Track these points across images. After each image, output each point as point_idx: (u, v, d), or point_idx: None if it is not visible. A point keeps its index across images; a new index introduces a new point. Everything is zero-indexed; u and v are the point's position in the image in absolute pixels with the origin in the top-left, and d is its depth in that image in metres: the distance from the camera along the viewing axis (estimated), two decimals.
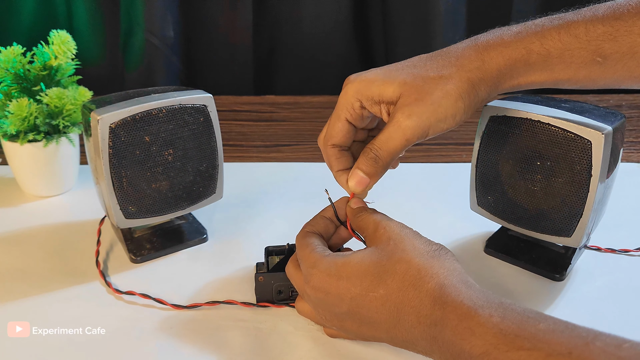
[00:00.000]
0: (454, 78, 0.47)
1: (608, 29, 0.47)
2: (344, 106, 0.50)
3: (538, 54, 0.48)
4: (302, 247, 0.50)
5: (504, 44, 0.48)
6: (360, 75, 0.50)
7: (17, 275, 0.63)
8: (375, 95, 0.48)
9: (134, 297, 0.60)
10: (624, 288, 0.61)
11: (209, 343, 0.54)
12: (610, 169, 0.56)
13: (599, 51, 0.47)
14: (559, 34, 0.48)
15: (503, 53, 0.48)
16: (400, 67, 0.49)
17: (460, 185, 0.74)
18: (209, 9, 1.16)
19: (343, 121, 0.50)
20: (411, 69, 0.49)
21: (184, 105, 0.61)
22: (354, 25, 1.20)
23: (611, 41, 0.47)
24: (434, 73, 0.48)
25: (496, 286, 0.61)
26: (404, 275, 0.44)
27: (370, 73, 0.50)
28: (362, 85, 0.49)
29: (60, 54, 0.72)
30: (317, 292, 0.47)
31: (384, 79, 0.48)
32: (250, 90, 1.22)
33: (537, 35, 0.48)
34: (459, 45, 0.50)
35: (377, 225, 0.49)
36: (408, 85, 0.47)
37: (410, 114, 0.47)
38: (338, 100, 0.50)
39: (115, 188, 0.59)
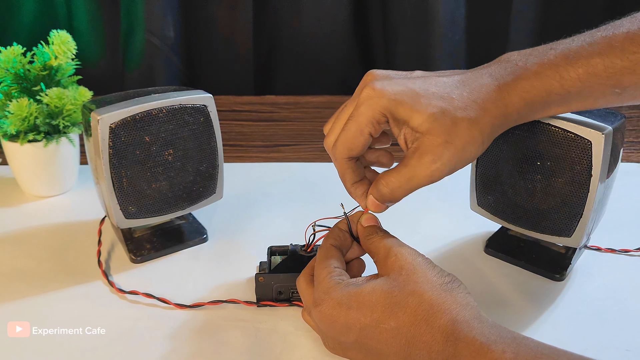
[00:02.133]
0: (480, 123, 0.47)
1: (627, 64, 0.46)
2: (369, 121, 0.47)
3: (558, 94, 0.48)
4: (322, 266, 0.49)
5: (525, 88, 0.48)
6: (386, 87, 0.47)
7: (17, 275, 0.63)
8: (401, 118, 0.47)
9: (137, 296, 0.60)
10: (624, 288, 0.61)
11: (209, 343, 0.54)
12: (610, 169, 0.56)
13: (618, 85, 0.47)
14: (577, 74, 0.47)
15: (525, 98, 0.48)
16: (426, 94, 0.47)
17: (460, 185, 0.74)
18: (209, 9, 1.16)
19: (366, 136, 0.48)
20: (438, 100, 0.47)
21: (184, 105, 0.61)
22: (354, 25, 1.20)
23: (630, 74, 0.46)
24: (461, 114, 0.46)
25: (496, 286, 0.62)
26: (416, 309, 0.43)
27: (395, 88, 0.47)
28: (392, 104, 0.47)
29: (60, 54, 0.72)
30: (325, 319, 0.47)
31: (413, 104, 0.46)
32: (250, 90, 1.22)
33: (556, 77, 0.47)
34: (480, 81, 0.48)
35: (389, 252, 0.48)
36: (438, 123, 0.46)
37: (439, 158, 0.46)
38: (360, 112, 0.47)
39: (115, 188, 0.59)
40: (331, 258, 0.50)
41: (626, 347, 0.53)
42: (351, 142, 0.48)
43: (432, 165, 0.46)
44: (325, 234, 0.53)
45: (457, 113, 0.46)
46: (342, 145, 0.49)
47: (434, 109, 0.46)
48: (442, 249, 0.68)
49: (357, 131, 0.48)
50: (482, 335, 0.41)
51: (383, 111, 0.47)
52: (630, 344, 0.54)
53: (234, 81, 1.21)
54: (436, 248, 0.68)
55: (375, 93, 0.47)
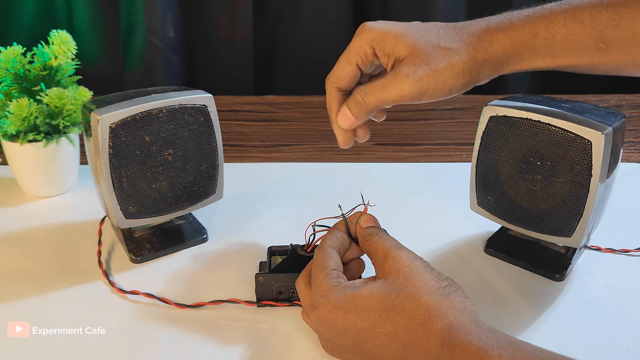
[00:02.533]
0: (461, 53, 0.49)
1: (612, 15, 0.47)
2: (356, 51, 0.51)
3: (543, 38, 0.49)
4: (319, 268, 0.49)
5: (512, 26, 0.50)
6: (376, 24, 0.51)
7: (17, 275, 0.63)
8: (388, 47, 0.50)
9: (137, 296, 0.60)
10: (624, 288, 0.61)
11: (209, 343, 0.54)
12: (610, 169, 0.56)
13: (602, 37, 0.48)
14: (564, 18, 0.48)
15: (510, 36, 0.49)
16: (414, 28, 0.51)
17: (460, 185, 0.74)
18: (209, 8, 1.16)
19: (353, 65, 0.52)
20: (424, 32, 0.50)
21: (184, 105, 0.61)
22: (354, 25, 1.19)
23: (614, 27, 0.47)
24: (444, 43, 0.50)
25: (496, 286, 0.62)
26: (412, 313, 0.43)
27: (386, 25, 0.51)
28: (378, 35, 0.50)
29: (60, 54, 0.72)
30: (323, 322, 0.47)
31: (398, 35, 0.50)
32: (250, 90, 1.22)
33: (543, 19, 0.49)
34: (473, 23, 0.52)
35: (387, 254, 0.48)
36: (418, 47, 0.49)
37: (412, 73, 0.49)
38: (351, 45, 0.52)
39: (115, 188, 0.59)
40: (328, 260, 0.50)
41: (626, 347, 0.53)
42: (340, 72, 0.52)
43: (405, 79, 0.49)
44: (324, 235, 0.53)
45: (439, 42, 0.50)
46: (333, 74, 0.53)
47: (418, 39, 0.50)
48: (442, 249, 0.68)
49: (346, 61, 0.52)
50: (479, 339, 0.41)
51: (370, 42, 0.51)
52: (630, 344, 0.54)
53: (234, 81, 1.22)
54: (436, 248, 0.68)
55: (365, 28, 0.52)
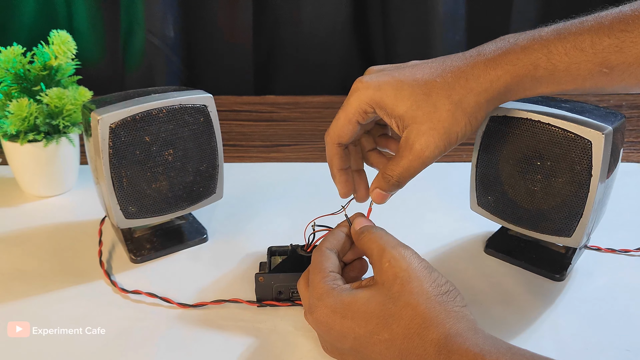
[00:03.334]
0: (462, 103, 0.49)
1: (614, 41, 0.46)
2: (356, 110, 0.51)
3: (545, 69, 0.48)
4: (316, 270, 0.49)
5: (511, 61, 0.48)
6: (371, 81, 0.51)
7: (17, 275, 0.63)
8: (388, 108, 0.50)
9: (139, 296, 0.60)
10: (624, 288, 0.61)
11: (209, 343, 0.54)
12: (610, 169, 0.56)
13: (605, 63, 0.47)
14: (564, 47, 0.47)
15: (510, 72, 0.48)
16: (411, 82, 0.50)
17: (460, 185, 0.74)
18: (209, 9, 1.16)
19: (354, 123, 0.52)
20: (422, 86, 0.49)
21: (184, 105, 0.61)
22: (354, 25, 1.20)
23: (617, 53, 0.46)
24: (443, 98, 0.49)
25: (496, 286, 0.62)
26: (409, 322, 0.43)
27: (381, 79, 0.50)
28: (376, 95, 0.50)
29: (60, 54, 0.72)
30: (320, 326, 0.47)
31: (396, 93, 0.49)
32: (250, 90, 1.22)
33: (543, 50, 0.48)
34: (466, 61, 0.50)
35: (382, 254, 0.47)
36: (420, 110, 0.49)
37: (427, 146, 0.49)
38: (349, 103, 0.51)
39: (115, 188, 0.59)
40: (325, 262, 0.50)
41: (626, 347, 0.53)
42: (340, 129, 0.52)
43: (423, 153, 0.49)
44: (324, 236, 0.53)
45: (439, 97, 0.49)
46: (332, 132, 0.53)
47: (417, 96, 0.49)
48: (442, 249, 0.68)
49: (346, 120, 0.52)
50: (476, 345, 0.41)
51: (369, 102, 0.50)
52: (630, 344, 0.54)
53: (234, 81, 1.21)
54: (436, 248, 0.68)
55: (362, 85, 0.51)
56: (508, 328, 0.56)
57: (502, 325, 0.56)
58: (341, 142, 0.53)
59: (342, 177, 0.55)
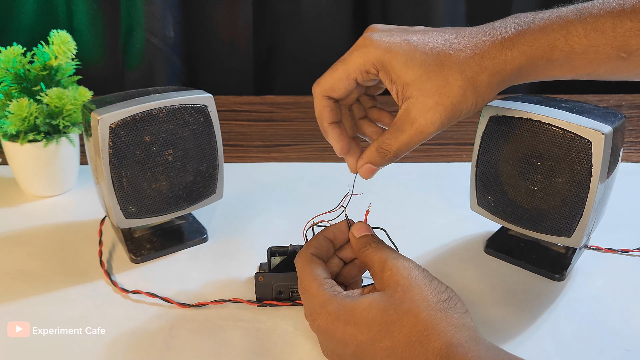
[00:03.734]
0: (474, 82, 0.46)
1: (636, 24, 0.45)
2: (358, 67, 0.47)
3: (562, 50, 0.46)
4: (309, 277, 0.48)
5: (528, 42, 0.47)
6: (382, 39, 0.47)
7: (17, 275, 0.63)
8: (394, 73, 0.46)
9: (139, 296, 0.60)
10: (624, 288, 0.61)
11: (209, 343, 0.54)
12: (610, 169, 0.56)
13: (624, 47, 0.46)
14: (585, 29, 0.46)
15: (526, 52, 0.47)
16: (423, 48, 0.46)
17: (460, 185, 0.74)
18: (209, 9, 1.16)
19: (351, 80, 0.48)
20: (435, 56, 0.46)
21: (184, 105, 0.61)
22: (354, 25, 1.20)
23: (638, 37, 0.45)
24: (456, 72, 0.46)
25: (496, 286, 0.62)
26: (411, 329, 0.43)
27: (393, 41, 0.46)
28: (385, 56, 0.46)
29: (60, 54, 0.72)
30: (323, 333, 0.47)
31: (407, 58, 0.46)
32: (250, 90, 1.22)
33: (562, 31, 0.46)
34: (482, 37, 0.47)
35: (384, 265, 0.47)
36: (430, 82, 0.46)
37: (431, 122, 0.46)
38: (352, 57, 0.47)
39: (115, 188, 0.59)
40: (316, 268, 0.49)
41: (626, 347, 0.53)
42: (335, 82, 0.48)
43: (426, 129, 0.46)
44: (307, 242, 0.52)
45: (451, 71, 0.46)
46: (325, 82, 0.49)
47: (428, 66, 0.46)
48: (442, 249, 0.68)
49: (344, 73, 0.48)
50: (477, 357, 0.40)
51: (375, 62, 0.47)
52: (630, 344, 0.54)
53: (234, 81, 1.21)
54: (436, 248, 0.68)
55: (371, 42, 0.47)
56: (508, 328, 0.56)
57: (502, 325, 0.56)
58: (333, 95, 0.49)
59: (335, 130, 0.51)
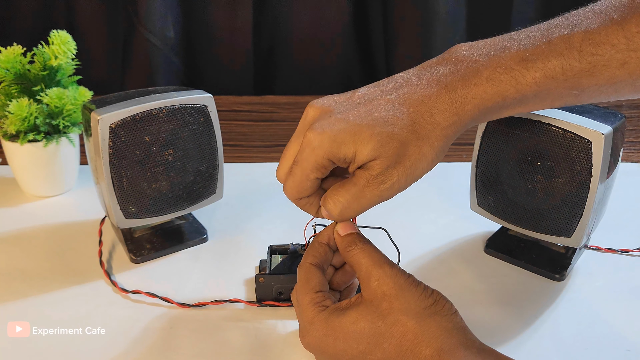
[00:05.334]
0: (430, 138, 0.45)
1: (585, 66, 0.44)
2: (314, 167, 0.46)
3: (513, 98, 0.46)
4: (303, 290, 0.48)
5: (478, 95, 0.45)
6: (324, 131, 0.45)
7: (17, 275, 0.63)
8: (349, 156, 0.45)
9: (139, 296, 0.60)
10: (624, 288, 0.61)
11: (209, 343, 0.54)
12: (610, 169, 0.56)
13: (576, 86, 0.45)
14: (534, 77, 0.45)
15: (478, 106, 0.45)
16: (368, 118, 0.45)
17: (460, 185, 0.74)
18: (209, 9, 1.16)
19: (312, 180, 0.47)
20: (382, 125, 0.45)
21: (184, 105, 0.61)
22: (354, 25, 1.20)
23: (589, 77, 0.44)
24: (409, 133, 0.45)
25: (496, 286, 0.62)
26: (400, 339, 0.43)
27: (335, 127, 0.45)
28: (333, 147, 0.45)
29: (60, 54, 0.72)
30: (314, 350, 0.47)
31: (355, 135, 0.44)
32: (250, 90, 1.22)
33: (511, 82, 0.45)
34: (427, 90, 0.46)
35: (370, 274, 0.46)
36: (385, 148, 0.44)
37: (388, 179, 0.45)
38: (304, 158, 0.46)
39: (115, 188, 0.59)
40: (311, 280, 0.48)
41: (626, 347, 0.53)
42: (299, 187, 0.48)
43: (381, 185, 0.45)
44: (305, 251, 0.51)
45: (403, 133, 0.45)
46: (291, 189, 0.49)
47: (379, 136, 0.44)
48: (442, 249, 0.68)
49: (303, 177, 0.47)
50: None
51: (326, 156, 0.45)
52: (630, 344, 0.54)
53: (234, 81, 1.21)
54: (436, 248, 0.68)
55: (316, 137, 0.45)
56: (508, 328, 0.56)
57: (502, 325, 0.56)
58: (303, 196, 0.49)
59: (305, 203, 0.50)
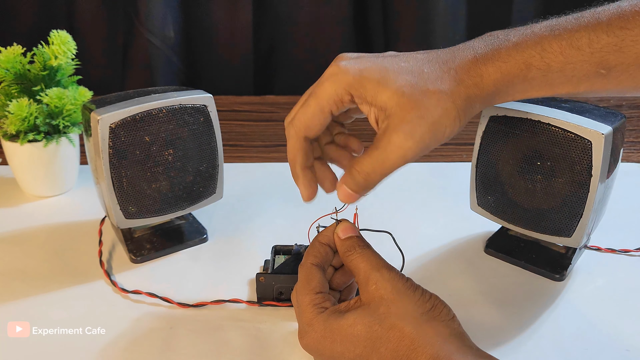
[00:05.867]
0: (454, 94, 0.44)
1: (613, 39, 0.43)
2: (331, 97, 0.44)
3: (538, 68, 0.45)
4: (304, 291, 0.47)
5: (502, 58, 0.45)
6: (352, 65, 0.44)
7: (17, 275, 0.63)
8: (369, 95, 0.44)
9: (138, 296, 0.60)
10: (624, 288, 0.61)
11: (209, 343, 0.54)
12: (610, 169, 0.56)
13: (603, 63, 0.44)
14: (560, 46, 0.44)
15: (501, 69, 0.45)
16: (396, 68, 0.44)
17: (460, 185, 0.74)
18: (209, 9, 1.16)
19: (327, 113, 0.45)
20: (408, 75, 0.44)
21: (184, 105, 0.61)
22: (354, 25, 1.20)
23: (616, 52, 0.43)
24: (432, 86, 0.43)
25: (496, 286, 0.62)
26: (397, 345, 0.42)
27: (364, 66, 0.44)
28: (356, 81, 0.44)
29: (60, 54, 0.72)
30: (312, 351, 0.47)
31: (380, 79, 0.43)
32: (250, 90, 1.22)
33: (537, 48, 0.44)
34: (456, 54, 0.46)
35: (368, 278, 0.46)
36: (406, 97, 0.43)
37: (411, 135, 0.43)
38: (323, 88, 0.44)
39: (115, 188, 0.59)
40: (312, 281, 0.48)
41: (626, 347, 0.53)
42: (310, 120, 0.45)
43: (405, 143, 0.43)
44: (305, 251, 0.51)
45: (427, 85, 0.43)
46: (300, 122, 0.46)
47: (402, 81, 0.43)
48: (442, 249, 0.68)
49: (317, 108, 0.45)
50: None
51: (348, 88, 0.44)
52: (630, 344, 0.54)
53: (234, 81, 1.22)
54: (436, 248, 0.68)
55: (340, 69, 0.44)
56: (508, 328, 0.56)
57: (502, 325, 0.56)
58: (308, 134, 0.46)
59: (307, 176, 0.48)
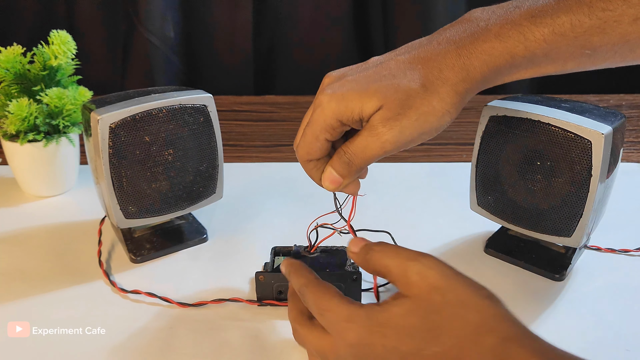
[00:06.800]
0: (440, 93, 0.45)
1: (595, 22, 0.42)
2: (323, 128, 0.47)
3: (523, 57, 0.45)
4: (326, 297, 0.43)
5: (486, 51, 0.45)
6: (335, 90, 0.46)
7: (17, 275, 0.63)
8: (356, 114, 0.45)
9: (138, 296, 0.60)
10: (624, 288, 0.61)
11: (209, 343, 0.54)
12: (610, 169, 0.56)
13: (587, 45, 0.44)
14: (542, 34, 0.44)
15: (487, 62, 0.45)
16: (376, 76, 0.46)
17: (460, 185, 0.74)
18: (209, 9, 1.17)
19: (322, 141, 0.48)
20: (390, 79, 0.45)
21: (184, 105, 0.61)
22: (354, 25, 1.20)
23: (600, 34, 0.43)
24: (416, 85, 0.44)
25: (496, 286, 0.61)
26: (460, 330, 0.39)
27: (344, 88, 0.46)
28: (341, 105, 0.46)
29: (60, 54, 0.72)
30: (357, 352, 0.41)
31: (361, 92, 0.45)
32: (250, 90, 1.22)
33: (519, 37, 0.44)
34: (435, 49, 0.46)
35: (407, 269, 0.42)
36: (389, 98, 0.44)
37: (392, 127, 0.44)
38: (315, 119, 0.47)
39: (115, 188, 0.59)
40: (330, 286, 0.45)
41: (626, 347, 0.53)
42: (309, 147, 0.48)
43: (386, 133, 0.45)
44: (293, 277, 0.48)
45: (410, 86, 0.44)
46: (302, 150, 0.49)
47: (384, 88, 0.44)
48: (442, 249, 0.68)
49: (313, 137, 0.48)
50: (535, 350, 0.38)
51: (335, 116, 0.46)
52: (630, 344, 0.54)
53: (234, 81, 1.22)
54: (436, 248, 0.68)
55: (325, 98, 0.46)
56: None
57: None
58: (311, 158, 0.49)
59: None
